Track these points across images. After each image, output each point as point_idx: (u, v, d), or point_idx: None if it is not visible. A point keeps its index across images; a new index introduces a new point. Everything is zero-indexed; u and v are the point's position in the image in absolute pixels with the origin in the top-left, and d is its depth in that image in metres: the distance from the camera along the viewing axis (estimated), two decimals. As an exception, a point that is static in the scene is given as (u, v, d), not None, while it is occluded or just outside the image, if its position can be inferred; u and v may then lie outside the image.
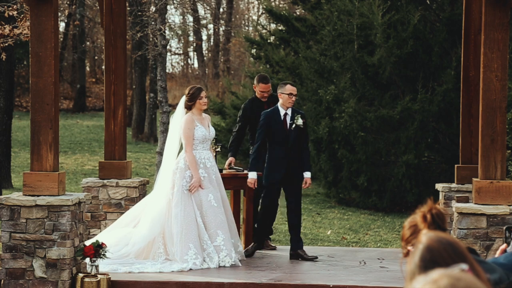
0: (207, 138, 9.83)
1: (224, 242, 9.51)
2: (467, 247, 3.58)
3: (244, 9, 40.33)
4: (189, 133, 9.71)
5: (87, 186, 10.66)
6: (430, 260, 2.71)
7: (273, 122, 10.09)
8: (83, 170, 20.10)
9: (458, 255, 2.73)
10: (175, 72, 40.36)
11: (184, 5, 23.45)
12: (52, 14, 8.78)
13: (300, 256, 10.07)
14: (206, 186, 9.63)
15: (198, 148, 9.77)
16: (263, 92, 10.82)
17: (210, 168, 9.76)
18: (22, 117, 28.83)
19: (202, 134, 9.75)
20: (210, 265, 9.39)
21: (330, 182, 16.37)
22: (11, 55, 16.41)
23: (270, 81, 10.93)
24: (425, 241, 2.78)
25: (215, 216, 9.56)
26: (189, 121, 9.73)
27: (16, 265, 8.61)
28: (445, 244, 2.75)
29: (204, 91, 9.84)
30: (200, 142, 9.77)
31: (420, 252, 2.76)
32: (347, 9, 16.11)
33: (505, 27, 8.59)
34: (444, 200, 10.40)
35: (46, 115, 8.78)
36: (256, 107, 10.78)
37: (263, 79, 10.85)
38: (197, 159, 9.70)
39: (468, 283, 2.51)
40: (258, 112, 10.55)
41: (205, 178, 9.66)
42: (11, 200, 8.63)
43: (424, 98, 15.38)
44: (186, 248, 9.36)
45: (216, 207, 9.58)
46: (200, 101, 9.76)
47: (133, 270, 9.17)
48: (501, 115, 8.62)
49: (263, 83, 10.81)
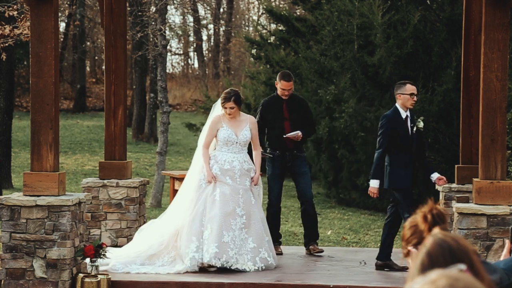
0: (232, 141, 9.61)
1: (209, 236, 9.22)
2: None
3: (244, 9, 40.33)
4: (210, 131, 9.64)
5: (87, 186, 10.66)
6: (428, 265, 2.72)
7: (395, 125, 9.42)
8: (83, 170, 20.10)
9: (455, 261, 2.73)
10: (175, 72, 40.36)
11: (184, 5, 23.45)
12: (52, 14, 8.78)
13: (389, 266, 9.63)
14: (218, 181, 9.47)
15: (223, 150, 9.64)
16: (284, 90, 10.35)
17: (228, 170, 9.53)
18: (22, 117, 28.82)
19: (225, 136, 9.58)
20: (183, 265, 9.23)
21: (330, 182, 16.37)
22: (11, 55, 16.41)
23: (292, 79, 10.46)
24: (427, 245, 2.78)
25: (210, 210, 9.36)
26: (214, 121, 9.67)
27: (16, 265, 8.61)
28: (444, 249, 2.75)
29: (230, 101, 9.50)
30: (223, 143, 9.63)
31: (421, 256, 2.77)
32: (347, 9, 16.11)
33: (505, 27, 8.58)
34: (445, 200, 10.40)
35: (46, 115, 8.78)
36: (275, 104, 10.44)
37: (284, 77, 10.40)
38: (216, 159, 9.57)
39: (466, 283, 2.51)
40: (276, 110, 10.35)
41: (218, 175, 9.50)
42: (11, 200, 8.63)
43: (424, 98, 15.38)
44: (189, 241, 9.29)
45: (218, 202, 9.38)
46: (225, 110, 9.61)
47: (131, 271, 9.16)
48: (501, 115, 8.62)
49: (284, 81, 10.35)
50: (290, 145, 10.37)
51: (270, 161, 10.44)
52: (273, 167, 10.43)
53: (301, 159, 10.47)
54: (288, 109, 10.39)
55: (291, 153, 10.40)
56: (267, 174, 10.50)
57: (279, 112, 10.39)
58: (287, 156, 10.39)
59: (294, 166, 10.43)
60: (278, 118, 10.38)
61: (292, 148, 10.40)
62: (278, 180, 10.47)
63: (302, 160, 10.49)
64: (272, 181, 10.46)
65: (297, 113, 10.42)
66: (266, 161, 10.49)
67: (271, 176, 10.46)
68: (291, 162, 10.40)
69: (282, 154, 10.39)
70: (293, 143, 10.35)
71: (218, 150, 9.69)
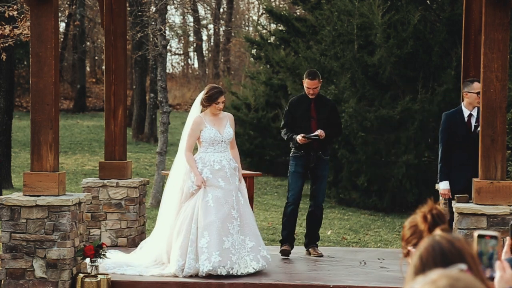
0: (218, 140, 9.33)
1: (208, 245, 8.91)
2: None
3: (244, 9, 40.33)
4: (192, 133, 9.31)
5: (87, 186, 10.65)
6: (420, 268, 2.73)
7: (454, 123, 9.32)
8: (83, 170, 20.10)
9: (447, 263, 2.72)
10: (176, 72, 40.37)
11: (184, 5, 23.45)
12: (52, 14, 8.78)
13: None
14: (209, 186, 9.18)
15: (209, 151, 9.32)
16: (309, 88, 10.14)
17: (220, 170, 9.25)
18: (22, 117, 28.82)
19: (210, 136, 9.29)
20: (184, 272, 8.97)
21: (330, 182, 16.37)
22: (11, 55, 16.41)
23: (318, 78, 10.18)
24: (421, 247, 2.79)
25: (205, 216, 9.02)
26: (196, 122, 9.32)
27: (16, 265, 8.61)
28: (436, 251, 2.75)
29: (223, 95, 9.33)
30: (209, 144, 9.33)
31: (415, 258, 2.77)
32: (347, 9, 16.11)
33: (505, 27, 8.58)
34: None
35: (46, 115, 8.78)
36: (302, 103, 10.23)
37: (309, 75, 10.18)
38: (204, 160, 9.27)
39: (467, 283, 2.51)
40: (303, 109, 10.19)
41: (209, 179, 9.19)
42: (11, 200, 8.63)
43: (424, 98, 15.39)
44: (174, 249, 9.09)
45: (212, 207, 9.07)
46: (216, 106, 9.33)
47: (116, 272, 9.08)
48: (501, 115, 8.61)
49: (308, 79, 10.13)
50: (315, 145, 10.15)
51: (294, 159, 10.24)
52: (296, 165, 10.23)
53: (324, 163, 10.28)
54: (315, 108, 10.22)
55: (315, 153, 10.19)
56: (289, 172, 10.32)
57: (306, 111, 10.22)
58: (311, 157, 10.19)
59: (316, 168, 10.24)
60: (305, 117, 10.20)
61: (317, 148, 10.18)
62: (299, 179, 10.27)
63: (325, 164, 10.30)
64: (292, 180, 10.25)
65: (324, 113, 10.23)
66: (290, 159, 10.28)
67: (293, 174, 10.24)
68: (315, 163, 10.22)
69: (307, 154, 10.18)
70: (318, 143, 10.12)
71: (203, 152, 9.36)
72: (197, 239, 9.00)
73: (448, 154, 9.29)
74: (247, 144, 19.55)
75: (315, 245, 10.38)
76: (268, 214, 15.29)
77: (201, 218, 9.03)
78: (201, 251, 8.93)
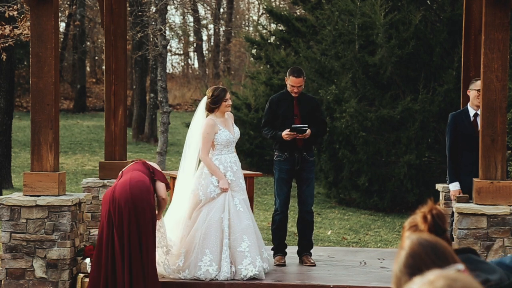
0: (232, 141, 9.28)
1: (249, 248, 8.89)
2: (468, 248, 3.58)
3: (245, 9, 40.33)
4: (208, 137, 9.15)
5: (87, 186, 10.65)
6: (414, 266, 2.72)
7: (460, 124, 9.20)
8: (83, 170, 20.10)
9: (440, 258, 2.73)
10: (176, 72, 40.38)
11: (184, 5, 23.45)
12: (52, 14, 8.78)
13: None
14: (233, 190, 9.11)
15: (223, 153, 9.22)
16: (294, 86, 9.69)
17: (237, 171, 9.21)
18: (23, 117, 28.83)
19: (226, 138, 9.21)
20: (220, 275, 8.85)
21: (331, 182, 16.37)
22: (11, 56, 16.41)
23: (303, 76, 9.76)
24: (407, 247, 2.79)
25: (240, 221, 8.99)
26: (210, 125, 9.16)
27: (16, 265, 8.61)
28: (426, 247, 2.76)
29: (228, 92, 9.31)
30: (224, 146, 9.21)
31: (404, 259, 2.77)
32: (348, 9, 16.10)
33: (506, 27, 8.58)
34: (445, 201, 10.40)
35: (47, 115, 8.78)
36: (283, 101, 9.81)
37: (294, 72, 9.74)
38: (223, 163, 9.17)
39: (464, 283, 2.51)
40: (285, 106, 9.75)
41: (233, 181, 9.12)
42: (12, 200, 8.63)
43: (425, 98, 15.38)
44: (201, 253, 8.90)
45: (242, 212, 9.04)
46: (225, 103, 9.30)
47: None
48: (502, 115, 8.61)
49: (293, 77, 9.67)
50: (300, 144, 9.71)
51: (278, 164, 9.83)
52: (280, 170, 9.78)
53: (310, 164, 9.82)
54: (298, 105, 9.79)
55: (300, 155, 9.74)
56: (274, 178, 9.96)
57: (288, 109, 9.76)
58: (296, 158, 9.73)
59: (302, 170, 9.77)
60: (288, 115, 9.76)
61: (302, 148, 9.72)
62: (284, 185, 9.84)
63: (311, 165, 9.84)
64: (278, 187, 9.81)
65: (307, 111, 9.80)
66: (274, 164, 9.93)
67: (278, 181, 9.81)
68: (300, 165, 9.75)
69: (291, 155, 9.73)
70: (302, 141, 9.70)
71: (217, 154, 9.24)
72: (235, 243, 8.94)
73: (456, 154, 9.23)
74: (247, 144, 19.54)
75: (308, 254, 9.95)
76: (268, 214, 15.28)
77: (235, 222, 9.01)
78: (242, 255, 8.91)
